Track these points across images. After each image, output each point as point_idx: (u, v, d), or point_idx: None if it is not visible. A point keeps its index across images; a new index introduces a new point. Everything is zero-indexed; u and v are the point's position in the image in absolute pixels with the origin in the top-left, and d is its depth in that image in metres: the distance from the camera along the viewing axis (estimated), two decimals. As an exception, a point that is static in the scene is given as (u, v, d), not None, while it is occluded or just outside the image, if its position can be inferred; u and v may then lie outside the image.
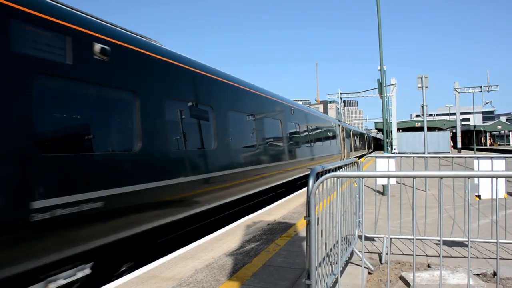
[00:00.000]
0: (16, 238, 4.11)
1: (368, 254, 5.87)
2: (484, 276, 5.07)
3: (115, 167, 5.44)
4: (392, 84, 40.31)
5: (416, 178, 3.87)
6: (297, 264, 5.40)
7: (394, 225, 6.55)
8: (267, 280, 4.84)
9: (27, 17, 4.38)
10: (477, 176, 5.24)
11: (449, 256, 5.61)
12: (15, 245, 4.10)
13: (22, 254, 4.15)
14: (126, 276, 5.13)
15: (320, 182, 3.56)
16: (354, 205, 5.62)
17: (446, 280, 4.70)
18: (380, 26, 13.32)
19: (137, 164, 5.84)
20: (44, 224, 4.27)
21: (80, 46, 5.03)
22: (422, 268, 5.37)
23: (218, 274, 5.11)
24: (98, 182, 5.06)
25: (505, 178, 5.96)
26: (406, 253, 5.84)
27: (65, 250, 4.61)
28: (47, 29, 4.61)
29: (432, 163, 17.42)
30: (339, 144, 27.54)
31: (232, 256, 5.89)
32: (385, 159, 6.58)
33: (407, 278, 4.91)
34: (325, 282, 4.00)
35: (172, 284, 4.77)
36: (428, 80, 15.86)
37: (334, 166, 4.44)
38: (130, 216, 5.68)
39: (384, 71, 13.87)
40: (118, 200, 5.36)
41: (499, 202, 4.51)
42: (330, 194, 4.19)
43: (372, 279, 5.14)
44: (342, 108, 77.76)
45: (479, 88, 53.16)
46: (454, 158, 7.21)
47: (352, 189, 5.48)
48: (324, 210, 4.02)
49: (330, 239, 4.37)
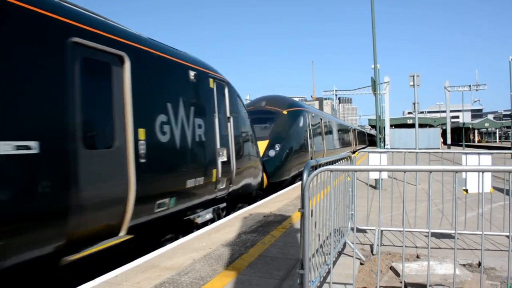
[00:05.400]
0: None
1: (360, 245, 6.07)
2: (470, 266, 5.29)
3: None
4: (385, 82, 40.55)
5: (406, 172, 4.04)
6: (291, 255, 5.58)
7: (386, 217, 6.75)
8: (262, 270, 5.01)
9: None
10: (465, 171, 5.46)
11: (437, 248, 5.82)
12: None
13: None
14: (127, 264, 5.29)
15: (314, 175, 3.69)
16: (347, 198, 5.80)
17: (434, 270, 4.90)
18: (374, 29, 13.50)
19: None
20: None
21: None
22: (412, 259, 5.58)
23: (215, 263, 5.28)
24: None
25: (491, 173, 6.18)
26: (397, 245, 6.05)
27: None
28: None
29: (423, 158, 17.70)
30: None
31: (229, 246, 6.07)
32: (377, 154, 6.78)
33: (397, 268, 5.11)
34: (318, 272, 4.15)
35: (171, 273, 4.93)
36: (419, 78, 16.08)
37: (328, 160, 4.61)
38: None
39: (377, 69, 14.07)
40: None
41: (485, 196, 4.72)
42: (324, 188, 4.34)
43: (363, 269, 5.34)
44: (337, 105, 78.01)
45: (468, 87, 53.96)
46: (443, 153, 7.42)
47: (346, 183, 5.66)
48: (318, 203, 4.15)
49: (323, 231, 4.52)
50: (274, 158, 14.51)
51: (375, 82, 14.42)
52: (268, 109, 16.60)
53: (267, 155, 14.35)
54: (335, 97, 62.78)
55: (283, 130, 15.78)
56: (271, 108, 16.67)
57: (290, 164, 15.48)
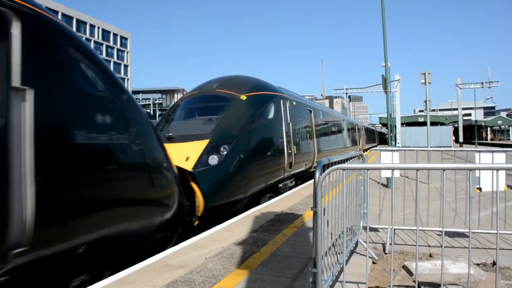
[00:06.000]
0: None
1: (372, 244, 6.04)
2: (484, 266, 5.24)
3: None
4: (396, 80, 40.33)
5: (419, 170, 4.01)
6: (303, 254, 5.58)
7: (398, 216, 6.72)
8: (274, 269, 5.02)
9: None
10: (478, 169, 5.41)
11: (451, 247, 5.78)
12: None
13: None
14: (139, 263, 5.33)
15: (326, 173, 3.68)
16: (359, 197, 5.78)
17: (448, 269, 4.86)
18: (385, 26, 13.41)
19: None
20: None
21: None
22: (424, 258, 5.55)
23: (228, 262, 5.30)
24: None
25: (505, 171, 6.12)
26: (409, 244, 6.01)
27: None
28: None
29: (435, 157, 17.55)
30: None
31: (240, 245, 6.09)
32: (389, 152, 6.75)
33: (410, 267, 5.08)
34: (331, 271, 4.15)
35: (184, 272, 4.96)
36: (431, 76, 15.97)
37: (340, 159, 4.60)
38: None
39: (388, 67, 13.99)
40: None
41: (499, 194, 4.67)
42: (335, 186, 4.34)
43: (376, 268, 5.32)
44: (347, 103, 77.82)
45: (481, 84, 53.47)
46: (456, 152, 7.36)
47: (357, 181, 5.65)
48: (330, 202, 4.14)
49: (335, 230, 4.51)
50: (217, 167, 9.07)
51: (386, 80, 14.34)
52: (219, 94, 11.23)
53: (205, 163, 9.00)
54: (345, 96, 62.71)
55: (237, 123, 10.25)
56: (224, 92, 11.22)
57: (247, 176, 9.98)
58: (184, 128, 10.20)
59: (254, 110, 11.09)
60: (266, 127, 11.59)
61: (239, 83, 11.92)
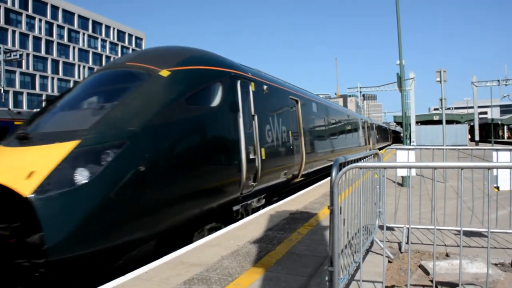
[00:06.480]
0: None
1: (388, 243, 6.01)
2: (502, 266, 5.18)
3: None
4: (411, 78, 39.97)
5: (436, 169, 3.99)
6: (319, 252, 5.58)
7: (414, 215, 6.65)
8: (290, 267, 5.04)
9: None
10: (497, 167, 5.37)
11: (468, 246, 5.72)
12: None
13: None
14: (156, 261, 5.39)
15: (343, 172, 3.68)
16: (374, 196, 5.76)
17: (465, 269, 4.83)
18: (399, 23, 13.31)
19: None
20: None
21: None
22: (441, 257, 5.50)
23: (243, 260, 5.33)
24: None
25: (524, 170, 6.03)
26: (425, 243, 5.97)
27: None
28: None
29: (450, 156, 17.35)
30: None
31: (256, 244, 6.11)
32: (405, 151, 6.72)
33: (426, 266, 5.05)
34: (347, 270, 4.15)
35: (200, 270, 5.00)
36: (446, 74, 15.81)
37: (356, 158, 4.59)
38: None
39: (402, 65, 13.88)
40: None
41: (517, 193, 4.62)
42: (351, 185, 4.33)
43: (392, 267, 5.30)
44: (361, 102, 77.39)
45: (497, 81, 52.65)
46: (473, 150, 7.29)
47: (373, 180, 5.63)
48: (346, 200, 4.15)
49: (351, 228, 4.51)
50: (85, 189, 5.10)
51: (401, 78, 14.22)
52: (128, 69, 7.53)
53: (63, 182, 5.06)
54: (360, 94, 62.41)
55: (142, 113, 6.25)
56: (137, 65, 7.45)
57: (155, 198, 5.96)
58: (55, 122, 6.71)
59: (180, 93, 7.05)
60: (203, 119, 7.53)
61: (165, 55, 8.19)
